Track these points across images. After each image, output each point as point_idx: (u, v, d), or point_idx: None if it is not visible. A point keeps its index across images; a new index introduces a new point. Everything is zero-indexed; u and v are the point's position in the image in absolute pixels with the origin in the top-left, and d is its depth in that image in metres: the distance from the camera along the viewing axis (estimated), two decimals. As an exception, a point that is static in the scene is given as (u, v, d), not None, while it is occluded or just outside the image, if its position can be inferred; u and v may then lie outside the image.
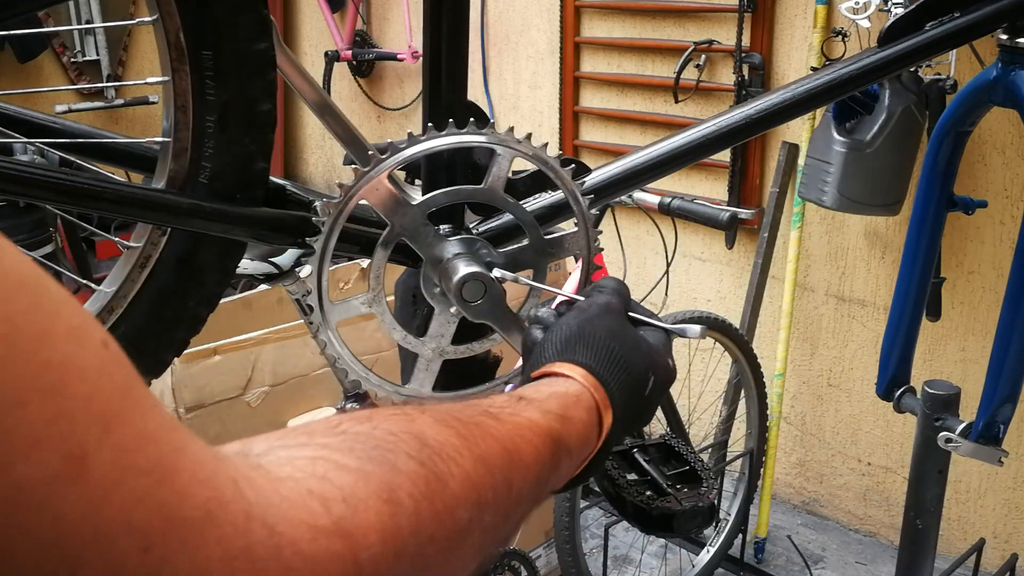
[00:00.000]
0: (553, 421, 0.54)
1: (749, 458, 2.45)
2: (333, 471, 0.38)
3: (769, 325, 2.63)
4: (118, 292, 0.86)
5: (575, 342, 0.63)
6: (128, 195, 0.78)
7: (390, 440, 0.42)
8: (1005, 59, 1.30)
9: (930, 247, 1.52)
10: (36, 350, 0.29)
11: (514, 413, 0.52)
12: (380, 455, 0.40)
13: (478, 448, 0.46)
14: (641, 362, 0.65)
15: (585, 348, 0.63)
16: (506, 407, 0.53)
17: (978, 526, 2.41)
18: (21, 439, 0.28)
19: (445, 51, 0.86)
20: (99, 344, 0.31)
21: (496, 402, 0.53)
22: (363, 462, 0.39)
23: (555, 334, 0.65)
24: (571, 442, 0.56)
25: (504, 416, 0.51)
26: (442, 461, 0.43)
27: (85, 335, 0.31)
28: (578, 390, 0.59)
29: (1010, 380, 1.42)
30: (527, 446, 0.50)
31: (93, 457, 0.29)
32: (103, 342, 0.32)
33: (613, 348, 0.63)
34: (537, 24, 3.02)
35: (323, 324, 0.80)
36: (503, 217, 0.88)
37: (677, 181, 2.69)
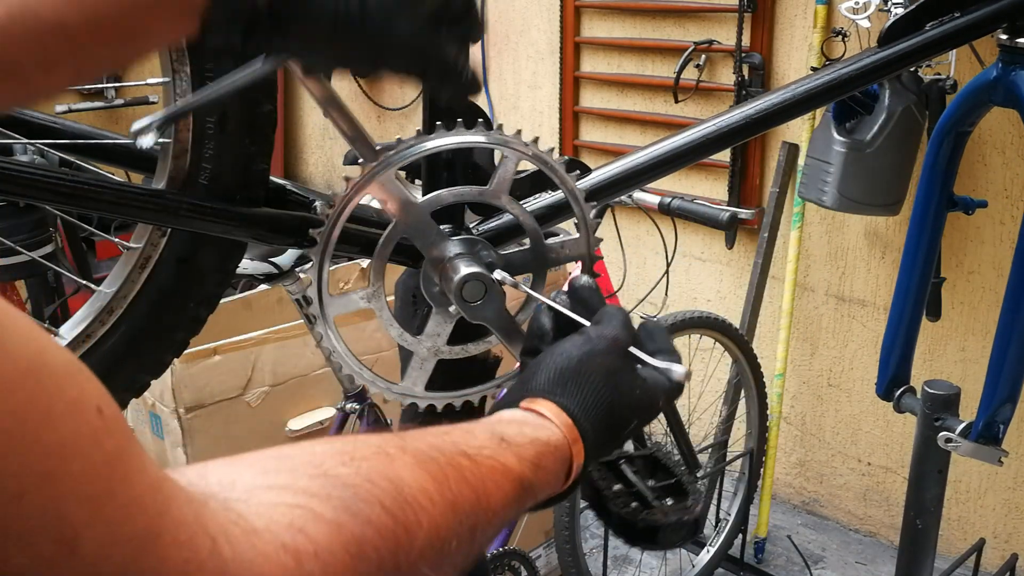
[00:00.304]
0: (527, 469, 0.55)
1: (749, 458, 2.45)
2: (310, 523, 0.39)
3: (769, 325, 2.63)
4: (118, 293, 0.86)
5: (568, 378, 0.63)
6: (128, 196, 0.78)
7: (367, 489, 0.43)
8: (1005, 59, 1.30)
9: (930, 247, 1.52)
10: (38, 437, 0.29)
11: (491, 456, 0.53)
12: (356, 506, 0.42)
13: (450, 493, 0.48)
14: (628, 409, 0.65)
15: (577, 388, 0.63)
16: (484, 448, 0.54)
17: (978, 526, 2.41)
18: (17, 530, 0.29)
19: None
20: (94, 413, 0.32)
21: (475, 440, 0.54)
22: (339, 512, 0.41)
23: (554, 360, 0.65)
24: (539, 488, 0.58)
25: (481, 459, 0.52)
26: (413, 512, 0.44)
27: (82, 406, 0.32)
28: (558, 441, 0.60)
29: (1010, 380, 1.42)
30: (497, 491, 0.52)
31: (83, 536, 0.30)
32: (98, 409, 0.32)
33: (603, 394, 0.63)
34: (537, 24, 3.02)
35: (321, 317, 0.80)
36: (503, 217, 0.89)
37: (677, 181, 2.69)
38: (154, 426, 1.95)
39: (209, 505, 0.37)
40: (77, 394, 0.32)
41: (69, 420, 0.31)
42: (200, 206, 0.80)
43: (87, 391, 0.32)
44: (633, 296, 2.15)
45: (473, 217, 0.90)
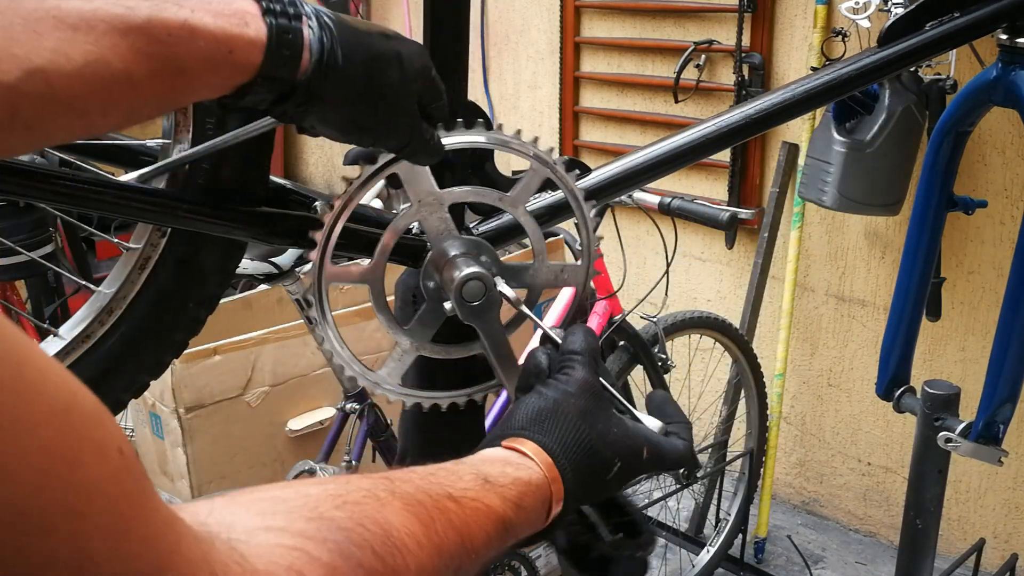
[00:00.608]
0: (509, 509, 0.58)
1: (749, 458, 2.45)
2: (307, 565, 0.42)
3: (769, 325, 2.63)
4: (117, 293, 0.86)
5: (546, 417, 0.66)
6: (128, 196, 0.78)
7: (359, 533, 0.46)
8: (1005, 59, 1.30)
9: (930, 247, 1.52)
10: (67, 475, 0.31)
11: (475, 498, 0.56)
12: (349, 550, 0.44)
13: (437, 537, 0.51)
14: (608, 449, 0.67)
15: (555, 427, 0.66)
16: (469, 490, 0.57)
17: (978, 526, 2.41)
18: (40, 562, 0.30)
19: (446, 51, 0.86)
20: (116, 454, 0.34)
21: (461, 482, 0.57)
22: (333, 555, 0.43)
23: (534, 400, 0.68)
24: (520, 528, 0.60)
25: (466, 501, 0.56)
26: (401, 556, 0.47)
27: (106, 447, 0.34)
28: (538, 481, 0.62)
29: (1010, 380, 1.42)
30: (481, 533, 0.55)
31: (102, 570, 0.32)
32: (119, 450, 0.34)
33: (581, 432, 0.66)
34: (537, 24, 3.02)
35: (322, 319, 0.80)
36: (502, 217, 0.89)
37: (677, 181, 2.69)
38: (154, 426, 1.95)
39: (215, 545, 0.39)
40: (102, 435, 0.34)
41: (95, 460, 0.33)
42: (199, 206, 0.80)
43: (110, 433, 0.34)
44: (633, 296, 2.15)
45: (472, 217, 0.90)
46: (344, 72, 0.64)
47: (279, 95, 0.63)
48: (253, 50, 0.59)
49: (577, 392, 0.68)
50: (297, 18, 0.62)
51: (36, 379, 0.31)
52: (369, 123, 0.68)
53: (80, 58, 0.51)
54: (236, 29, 0.58)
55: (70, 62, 0.51)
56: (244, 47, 0.59)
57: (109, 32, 0.53)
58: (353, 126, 0.68)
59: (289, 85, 0.63)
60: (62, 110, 0.52)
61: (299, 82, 0.63)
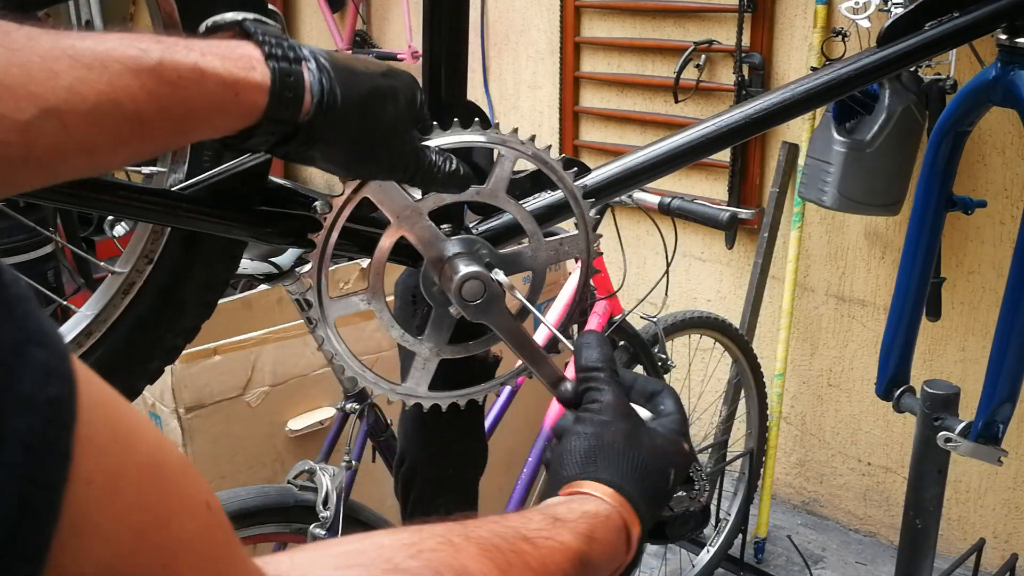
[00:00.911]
0: (582, 543, 0.58)
1: (749, 458, 2.45)
2: None
3: (769, 325, 2.63)
4: (99, 316, 0.85)
5: (595, 455, 0.66)
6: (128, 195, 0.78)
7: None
8: (1004, 59, 1.30)
9: (930, 247, 1.52)
10: (159, 533, 0.31)
11: (548, 537, 0.56)
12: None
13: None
14: (660, 463, 0.68)
15: (607, 462, 0.66)
16: (542, 531, 0.57)
17: (978, 526, 2.41)
18: None
19: (445, 51, 0.86)
20: (204, 508, 0.34)
21: (532, 523, 0.57)
22: None
23: (574, 446, 0.67)
24: (598, 560, 0.60)
25: (539, 541, 0.55)
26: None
27: (194, 503, 0.34)
28: (607, 511, 0.62)
29: (1009, 380, 1.42)
30: (558, 571, 0.55)
31: None
32: (207, 505, 0.34)
33: (632, 457, 0.66)
34: (537, 24, 3.02)
35: (322, 320, 0.80)
36: (503, 217, 0.88)
37: (677, 181, 2.69)
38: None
39: None
40: (190, 490, 0.33)
41: (186, 515, 0.33)
42: (200, 206, 0.81)
43: (197, 486, 0.34)
44: (633, 296, 2.15)
45: (472, 217, 0.90)
46: (343, 111, 0.66)
47: (282, 137, 0.65)
48: (258, 93, 0.61)
49: (614, 419, 0.68)
50: (298, 62, 0.64)
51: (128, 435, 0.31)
52: (370, 157, 0.70)
53: (94, 98, 0.52)
54: (243, 73, 0.61)
55: (84, 102, 0.52)
56: (250, 90, 0.61)
57: (123, 73, 0.54)
58: (355, 161, 0.70)
59: (292, 127, 0.65)
60: (74, 148, 0.52)
61: (302, 124, 0.65)
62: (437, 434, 0.94)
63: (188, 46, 0.58)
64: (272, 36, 0.64)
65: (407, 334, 0.83)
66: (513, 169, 0.82)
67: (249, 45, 0.62)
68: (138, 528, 0.30)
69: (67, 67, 0.51)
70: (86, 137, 0.52)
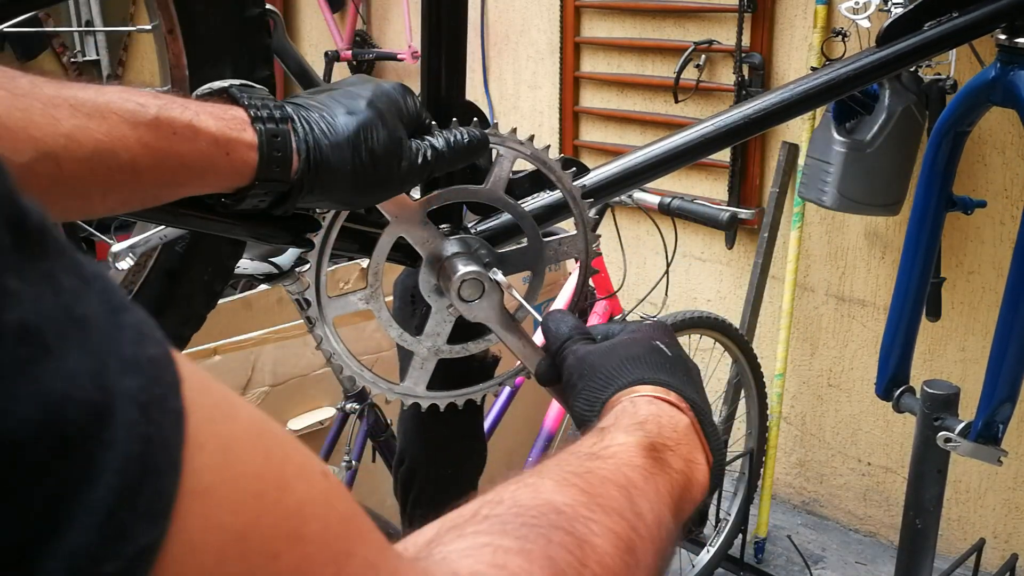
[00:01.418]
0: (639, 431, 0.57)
1: (749, 458, 2.45)
2: (502, 555, 0.40)
3: (769, 325, 2.63)
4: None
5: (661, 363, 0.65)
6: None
7: (531, 515, 0.44)
8: (1004, 59, 1.30)
9: (929, 247, 1.52)
10: (278, 499, 0.30)
11: (607, 445, 0.55)
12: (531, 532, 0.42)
13: (602, 498, 0.48)
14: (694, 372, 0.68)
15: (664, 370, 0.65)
16: (599, 442, 0.55)
17: (978, 526, 2.41)
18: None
19: (444, 51, 0.86)
20: (321, 477, 0.33)
21: (587, 442, 0.56)
22: (521, 542, 0.41)
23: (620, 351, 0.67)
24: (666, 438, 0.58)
25: (605, 453, 0.54)
26: (581, 523, 0.45)
27: (309, 471, 0.33)
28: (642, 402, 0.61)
29: (1009, 380, 1.41)
30: (634, 472, 0.53)
31: None
32: (323, 473, 0.34)
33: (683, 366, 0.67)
34: (537, 24, 3.02)
35: (320, 319, 0.80)
36: (502, 217, 0.89)
37: (677, 181, 2.69)
38: (154, 426, 1.95)
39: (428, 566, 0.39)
40: (302, 459, 0.33)
41: (302, 483, 0.32)
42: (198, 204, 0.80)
43: (309, 457, 0.33)
44: (633, 296, 2.15)
45: (471, 217, 0.90)
46: (333, 159, 0.68)
47: (278, 195, 0.68)
48: (249, 152, 0.64)
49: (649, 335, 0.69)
50: (284, 121, 0.66)
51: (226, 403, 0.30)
52: (374, 187, 0.72)
53: (91, 145, 0.55)
54: (234, 133, 0.64)
55: (81, 148, 0.54)
56: (241, 149, 0.64)
57: (120, 124, 0.57)
58: (360, 195, 0.72)
59: (286, 185, 0.67)
60: (66, 191, 0.55)
61: (294, 181, 0.67)
62: (437, 434, 0.94)
63: (184, 104, 0.61)
64: (258, 99, 0.67)
65: (405, 333, 0.83)
66: (512, 169, 0.82)
67: (238, 109, 0.65)
68: (258, 493, 0.29)
69: (67, 115, 0.53)
70: (81, 182, 0.55)
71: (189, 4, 0.81)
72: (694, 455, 0.59)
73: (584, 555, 0.43)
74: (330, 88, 0.73)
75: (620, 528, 0.47)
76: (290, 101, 0.70)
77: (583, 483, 0.49)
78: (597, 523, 0.46)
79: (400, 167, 0.72)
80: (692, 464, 0.59)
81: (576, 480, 0.49)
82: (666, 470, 0.55)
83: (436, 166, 0.75)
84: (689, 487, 0.57)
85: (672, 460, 0.56)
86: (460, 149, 0.76)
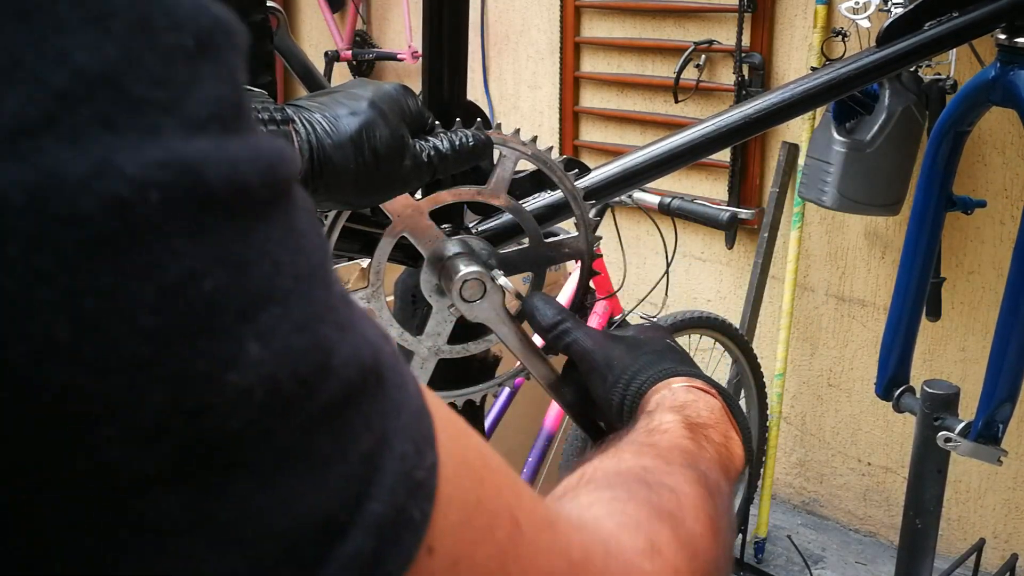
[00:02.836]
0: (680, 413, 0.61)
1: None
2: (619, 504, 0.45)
3: (769, 325, 2.63)
4: None
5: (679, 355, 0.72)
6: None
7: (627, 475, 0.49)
8: (1004, 59, 1.30)
9: (929, 247, 1.52)
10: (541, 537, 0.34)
11: (660, 423, 0.60)
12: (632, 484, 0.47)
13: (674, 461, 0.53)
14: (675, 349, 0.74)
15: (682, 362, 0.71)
16: (650, 422, 0.60)
17: (978, 526, 2.41)
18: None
19: (445, 51, 0.86)
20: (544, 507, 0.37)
21: (640, 424, 0.61)
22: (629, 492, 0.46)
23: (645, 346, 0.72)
24: (704, 418, 0.62)
25: (659, 428, 0.59)
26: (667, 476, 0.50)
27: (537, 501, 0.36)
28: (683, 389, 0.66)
29: (1009, 380, 1.42)
30: (687, 442, 0.57)
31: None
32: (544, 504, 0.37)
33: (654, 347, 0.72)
34: (537, 24, 3.02)
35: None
36: (503, 217, 0.89)
37: (677, 181, 2.69)
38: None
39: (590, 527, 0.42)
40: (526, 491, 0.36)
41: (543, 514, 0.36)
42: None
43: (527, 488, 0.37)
44: (633, 296, 2.15)
45: (472, 217, 0.90)
46: (337, 159, 0.68)
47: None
48: None
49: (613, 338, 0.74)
50: (285, 123, 0.66)
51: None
52: (378, 186, 0.72)
53: None
54: None
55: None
56: None
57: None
58: (364, 195, 0.72)
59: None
60: None
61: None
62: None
63: None
64: (259, 102, 0.67)
65: (406, 333, 0.83)
66: (514, 170, 0.82)
67: None
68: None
69: None
70: None
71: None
72: (730, 433, 0.64)
73: (678, 499, 0.48)
74: (331, 91, 0.73)
75: (697, 479, 0.51)
76: (291, 104, 0.70)
77: (654, 451, 0.54)
78: (680, 476, 0.50)
79: (403, 167, 0.72)
80: (730, 439, 0.63)
81: (648, 449, 0.54)
82: (711, 443, 0.60)
83: (440, 167, 0.75)
84: (731, 458, 0.61)
85: (713, 435, 0.61)
86: (464, 151, 0.76)
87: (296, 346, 0.24)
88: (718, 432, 0.62)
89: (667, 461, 0.52)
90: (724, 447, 0.61)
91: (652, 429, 0.58)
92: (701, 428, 0.60)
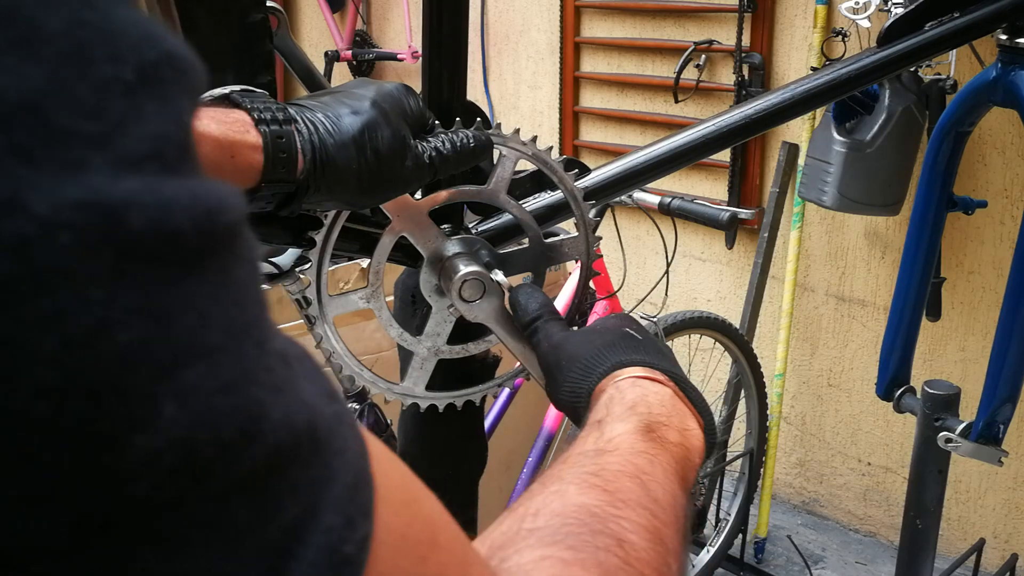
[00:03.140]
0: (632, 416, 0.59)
1: (749, 458, 2.45)
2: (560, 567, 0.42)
3: (769, 325, 2.63)
4: None
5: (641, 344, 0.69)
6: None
7: (571, 522, 0.45)
8: (1004, 59, 1.30)
9: (930, 247, 1.52)
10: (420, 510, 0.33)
11: (609, 439, 0.56)
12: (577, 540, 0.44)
13: (621, 493, 0.50)
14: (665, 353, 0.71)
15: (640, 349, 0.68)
16: (600, 436, 0.57)
17: (978, 526, 2.41)
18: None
19: (446, 52, 0.86)
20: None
21: (590, 439, 0.57)
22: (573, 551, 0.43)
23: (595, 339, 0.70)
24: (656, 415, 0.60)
25: (609, 446, 0.55)
26: (614, 522, 0.47)
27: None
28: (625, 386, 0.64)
29: (1010, 380, 1.42)
30: (640, 459, 0.54)
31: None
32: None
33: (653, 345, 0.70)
34: (537, 24, 3.02)
35: (320, 317, 0.80)
36: (503, 217, 0.88)
37: (677, 181, 2.69)
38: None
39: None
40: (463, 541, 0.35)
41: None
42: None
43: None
44: (633, 296, 2.15)
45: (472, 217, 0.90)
46: (339, 158, 0.68)
47: (285, 197, 0.68)
48: (254, 155, 0.64)
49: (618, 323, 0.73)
50: (288, 123, 0.66)
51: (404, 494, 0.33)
52: (380, 186, 0.72)
53: None
54: (238, 136, 0.64)
55: None
56: (246, 152, 0.64)
57: None
58: (366, 195, 0.72)
59: (292, 186, 0.67)
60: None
61: (300, 181, 0.67)
62: (437, 434, 0.94)
63: None
64: (260, 102, 0.67)
65: (406, 333, 0.83)
66: (514, 170, 0.82)
67: (240, 112, 0.65)
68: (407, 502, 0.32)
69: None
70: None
71: (190, 10, 0.82)
72: (686, 423, 0.62)
73: (626, 554, 0.45)
74: (333, 90, 0.73)
75: (645, 520, 0.48)
76: (293, 103, 0.70)
77: (601, 482, 0.50)
78: (626, 519, 0.47)
79: (405, 167, 0.72)
80: (686, 433, 0.61)
81: (594, 480, 0.51)
82: (666, 446, 0.57)
83: (441, 167, 0.75)
84: (689, 455, 0.59)
85: (668, 435, 0.58)
86: (465, 151, 0.76)
87: (219, 407, 0.22)
88: (673, 429, 0.59)
89: (615, 499, 0.49)
90: (681, 445, 0.59)
91: (600, 448, 0.55)
92: (655, 430, 0.58)
